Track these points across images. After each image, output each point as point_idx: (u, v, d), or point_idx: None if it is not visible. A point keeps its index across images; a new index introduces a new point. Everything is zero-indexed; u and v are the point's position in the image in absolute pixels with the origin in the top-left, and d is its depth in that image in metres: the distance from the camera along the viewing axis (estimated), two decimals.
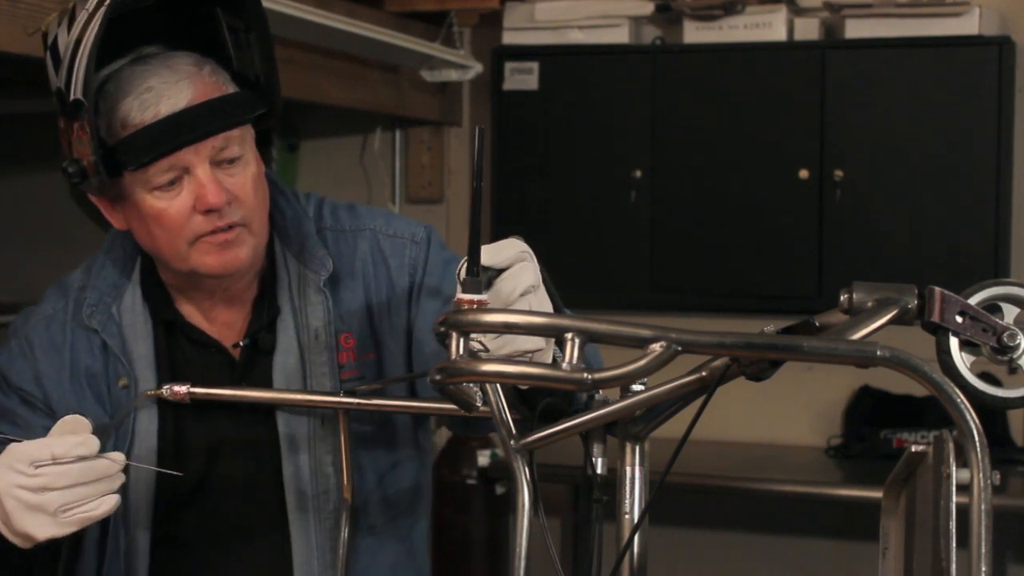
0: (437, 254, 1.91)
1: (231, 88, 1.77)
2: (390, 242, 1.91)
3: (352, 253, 1.90)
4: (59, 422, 1.65)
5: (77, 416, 1.66)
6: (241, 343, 1.87)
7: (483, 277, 1.43)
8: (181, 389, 1.81)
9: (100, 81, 1.71)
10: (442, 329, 1.33)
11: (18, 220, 4.88)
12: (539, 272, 1.54)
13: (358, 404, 1.80)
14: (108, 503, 1.62)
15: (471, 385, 1.46)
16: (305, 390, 1.84)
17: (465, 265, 1.41)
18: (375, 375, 1.87)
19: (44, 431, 1.79)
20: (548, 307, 1.56)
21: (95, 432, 1.65)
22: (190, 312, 1.88)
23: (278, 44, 3.63)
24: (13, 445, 1.64)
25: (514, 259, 1.51)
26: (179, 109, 1.70)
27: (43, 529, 1.60)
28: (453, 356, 1.32)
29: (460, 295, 1.42)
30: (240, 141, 1.76)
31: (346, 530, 1.82)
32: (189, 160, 1.72)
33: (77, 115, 1.66)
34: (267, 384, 1.85)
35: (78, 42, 1.65)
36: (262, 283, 1.88)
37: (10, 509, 1.60)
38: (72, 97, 1.66)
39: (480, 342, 1.43)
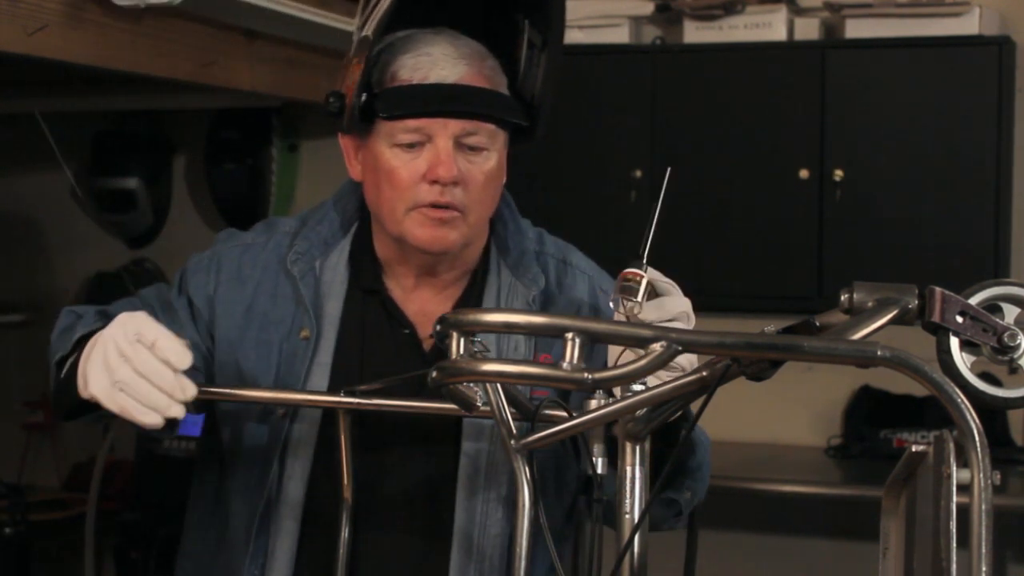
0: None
1: (504, 90, 1.81)
2: (603, 297, 1.93)
3: (572, 286, 1.93)
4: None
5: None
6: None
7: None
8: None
9: (392, 37, 1.77)
10: (443, 329, 1.33)
11: (19, 220, 4.88)
12: (690, 311, 1.69)
13: (358, 404, 1.80)
14: (150, 417, 1.59)
15: (471, 385, 1.46)
16: (305, 390, 1.84)
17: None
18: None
19: (193, 342, 1.78)
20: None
21: None
22: (394, 288, 1.89)
23: (279, 44, 3.64)
24: (141, 312, 1.66)
25: (672, 289, 1.71)
26: (447, 82, 1.75)
27: (96, 386, 1.60)
28: (453, 356, 1.32)
29: (629, 267, 1.56)
30: (490, 136, 1.80)
31: (346, 530, 1.82)
32: (436, 130, 1.76)
33: (361, 49, 1.72)
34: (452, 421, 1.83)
35: None
36: (471, 283, 1.89)
37: (94, 353, 1.61)
38: (362, 33, 1.72)
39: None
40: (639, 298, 1.55)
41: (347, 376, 1.84)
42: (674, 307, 1.67)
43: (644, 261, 1.60)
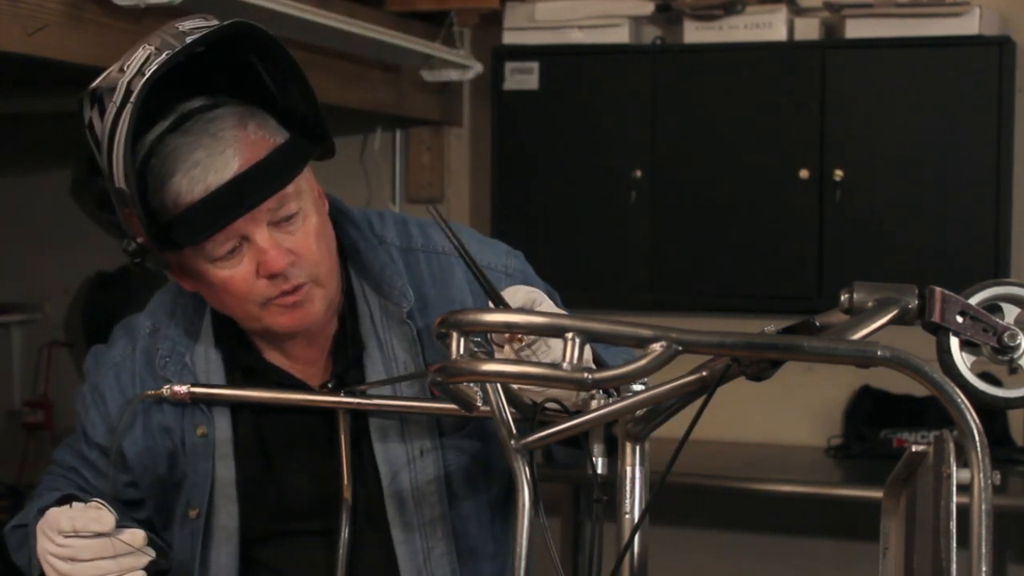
0: (530, 284, 1.88)
1: (280, 137, 1.71)
2: (488, 273, 1.88)
3: (448, 279, 1.86)
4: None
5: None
6: (329, 383, 1.84)
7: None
8: (181, 389, 1.81)
9: (145, 151, 1.67)
10: (442, 329, 1.33)
11: (18, 220, 4.88)
12: (537, 292, 1.64)
13: (358, 404, 1.80)
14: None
15: (472, 385, 1.46)
16: (305, 390, 1.84)
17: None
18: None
19: (122, 483, 1.86)
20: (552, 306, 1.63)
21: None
22: (270, 354, 1.85)
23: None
24: (50, 511, 1.68)
25: (526, 301, 1.62)
26: (228, 179, 1.65)
27: None
28: (453, 356, 1.32)
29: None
30: (296, 195, 1.71)
31: (346, 530, 1.82)
32: (246, 228, 1.68)
33: (124, 202, 1.64)
34: (363, 422, 1.82)
35: (112, 133, 1.63)
36: (342, 318, 1.84)
37: (47, 573, 1.68)
38: (116, 185, 1.63)
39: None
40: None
41: (253, 458, 1.84)
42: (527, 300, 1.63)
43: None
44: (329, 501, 1.84)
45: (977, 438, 1.20)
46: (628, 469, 1.46)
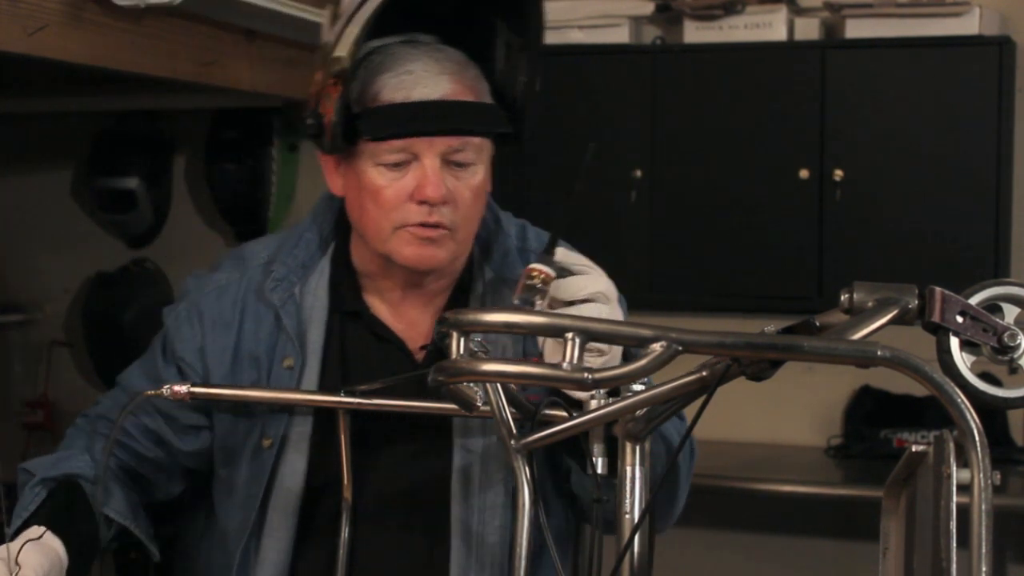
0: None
1: (487, 99, 1.78)
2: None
3: None
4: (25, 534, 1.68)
5: (51, 543, 1.68)
6: (427, 346, 1.85)
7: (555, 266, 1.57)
8: (181, 389, 1.81)
9: (367, 51, 1.74)
10: (442, 329, 1.33)
11: (19, 220, 4.88)
12: (614, 290, 1.65)
13: (358, 404, 1.80)
14: None
15: (472, 385, 1.46)
16: (305, 390, 1.84)
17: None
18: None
19: (190, 406, 1.85)
20: (620, 318, 1.65)
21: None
22: (377, 305, 1.87)
23: (279, 44, 3.64)
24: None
25: (586, 269, 1.65)
26: (430, 99, 1.72)
27: None
28: (453, 356, 1.32)
29: (533, 264, 1.55)
30: (477, 149, 1.77)
31: (346, 530, 1.82)
32: (421, 149, 1.73)
33: (335, 72, 1.69)
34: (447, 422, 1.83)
35: (361, 5, 1.68)
36: (456, 289, 1.87)
37: None
38: (335, 54, 1.68)
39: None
40: (543, 298, 1.56)
41: (352, 424, 1.82)
42: (584, 287, 1.65)
43: (553, 248, 1.62)
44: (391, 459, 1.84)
45: (977, 438, 1.20)
46: (628, 469, 1.46)
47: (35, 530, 1.69)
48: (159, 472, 1.91)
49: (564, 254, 1.66)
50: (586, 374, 1.27)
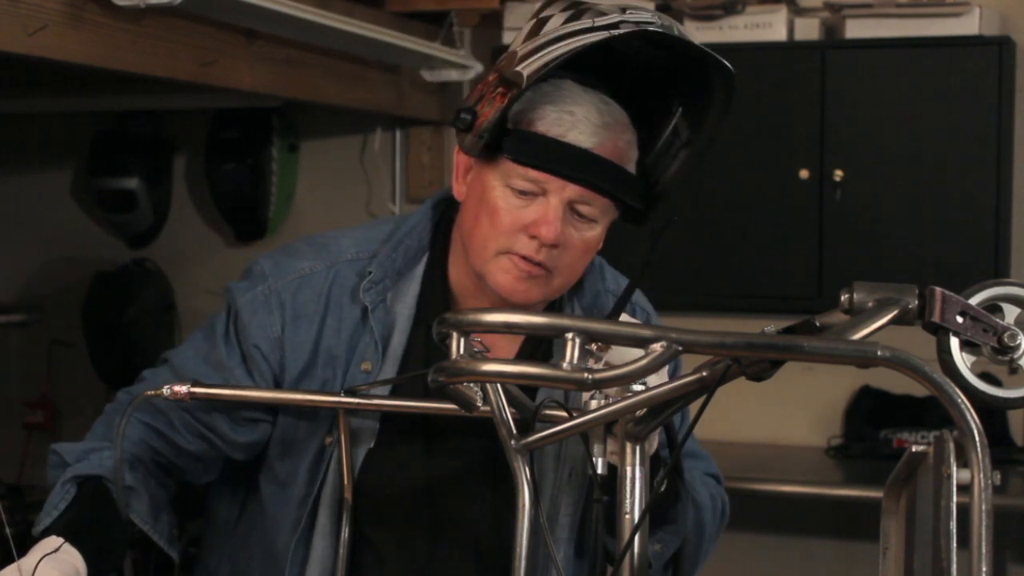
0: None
1: (631, 167, 1.78)
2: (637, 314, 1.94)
3: None
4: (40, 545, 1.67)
5: (70, 557, 1.66)
6: None
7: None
8: (181, 389, 1.80)
9: (547, 74, 1.72)
10: (442, 330, 1.33)
11: (18, 220, 4.88)
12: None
13: (358, 404, 1.80)
14: None
15: (472, 385, 1.46)
16: (304, 390, 1.84)
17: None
18: None
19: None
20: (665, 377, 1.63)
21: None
22: None
23: (279, 44, 3.64)
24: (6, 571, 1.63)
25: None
26: (582, 147, 1.73)
27: None
28: (453, 356, 1.32)
29: None
30: (602, 208, 1.78)
31: (346, 530, 1.82)
32: (553, 188, 1.73)
33: (511, 85, 1.68)
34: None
35: (564, 37, 1.67)
36: None
37: None
38: (520, 68, 1.67)
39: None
40: (596, 363, 1.54)
41: (402, 413, 1.83)
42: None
43: (620, 312, 1.63)
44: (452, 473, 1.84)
45: (977, 438, 1.20)
46: (628, 469, 1.46)
47: (52, 542, 1.68)
48: (197, 463, 1.89)
49: (627, 319, 1.66)
50: (586, 374, 1.27)
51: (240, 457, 1.89)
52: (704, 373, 1.36)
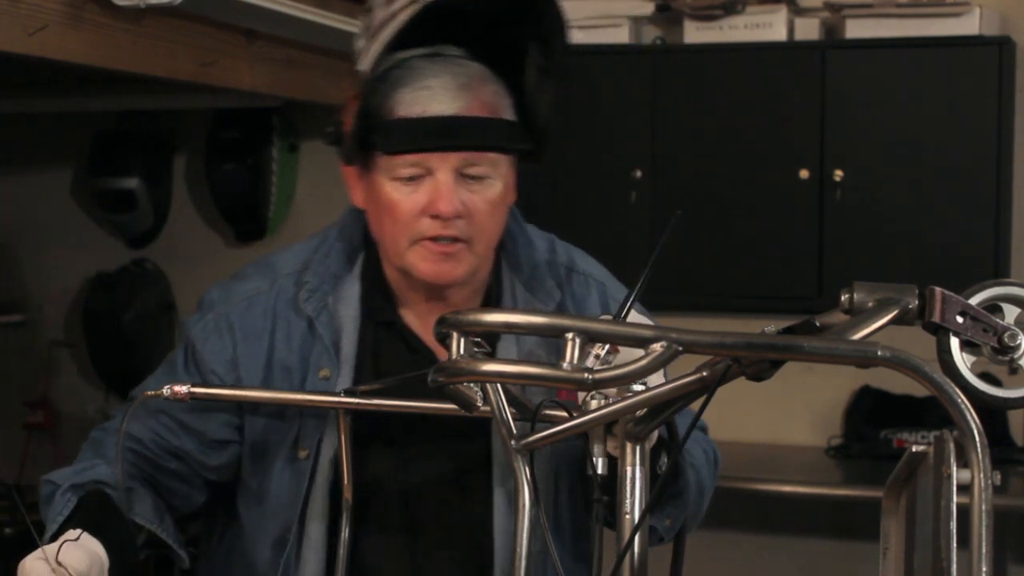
0: None
1: (508, 115, 1.78)
2: (614, 304, 1.91)
3: (584, 296, 1.91)
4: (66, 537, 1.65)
5: (90, 543, 1.66)
6: None
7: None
8: (181, 389, 1.80)
9: (392, 64, 1.74)
10: (442, 330, 1.33)
11: (18, 220, 4.88)
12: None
13: (358, 404, 1.80)
14: None
15: (472, 385, 1.46)
16: (305, 391, 1.84)
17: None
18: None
19: (219, 421, 1.84)
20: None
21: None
22: (408, 316, 1.87)
23: (279, 44, 3.64)
24: (26, 563, 1.63)
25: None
26: (446, 114, 1.72)
27: None
28: (454, 356, 1.32)
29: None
30: (492, 163, 1.77)
31: (346, 530, 1.82)
32: (435, 164, 1.74)
33: (357, 84, 1.70)
34: (482, 435, 1.82)
35: (388, 20, 1.68)
36: (486, 302, 1.87)
37: None
38: (358, 67, 1.70)
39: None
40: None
41: (368, 411, 1.82)
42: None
43: (626, 313, 1.58)
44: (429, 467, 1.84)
45: (977, 438, 1.20)
46: (628, 469, 1.46)
47: (72, 532, 1.68)
48: (181, 483, 1.89)
49: (636, 317, 1.64)
50: (586, 374, 1.27)
51: (214, 478, 1.90)
52: (704, 373, 1.36)
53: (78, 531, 1.67)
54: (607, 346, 1.39)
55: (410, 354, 1.86)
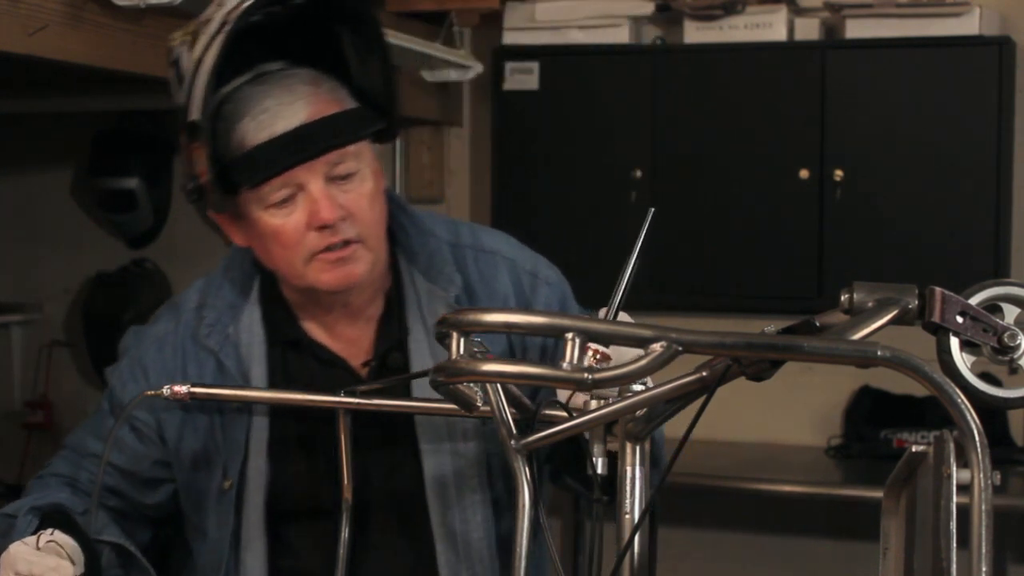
0: (566, 302, 1.92)
1: (350, 104, 1.77)
2: (528, 278, 1.91)
3: (493, 276, 1.90)
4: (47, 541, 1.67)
5: (67, 539, 1.68)
6: (371, 362, 1.86)
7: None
8: (181, 389, 1.80)
9: (219, 100, 1.73)
10: (442, 329, 1.33)
11: (19, 220, 4.88)
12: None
13: (358, 404, 1.80)
14: None
15: (472, 385, 1.46)
16: (305, 390, 1.84)
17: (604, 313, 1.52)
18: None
19: (148, 461, 1.87)
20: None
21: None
22: (314, 329, 1.87)
23: None
24: (12, 547, 1.66)
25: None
26: (294, 127, 1.71)
27: None
28: (453, 356, 1.32)
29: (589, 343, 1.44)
30: (356, 156, 1.76)
31: (346, 530, 1.82)
32: (303, 177, 1.72)
33: (195, 136, 1.69)
34: (403, 416, 1.84)
35: (199, 63, 1.68)
36: (388, 301, 1.87)
37: None
38: (190, 118, 1.69)
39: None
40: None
41: (286, 432, 1.84)
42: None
43: (616, 314, 1.57)
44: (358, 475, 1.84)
45: (977, 438, 1.20)
46: (628, 469, 1.46)
47: (47, 532, 1.70)
48: (124, 520, 1.91)
49: (625, 318, 1.62)
50: (586, 374, 1.27)
51: (156, 515, 1.93)
52: (704, 373, 1.35)
53: (51, 530, 1.69)
54: (599, 353, 1.40)
55: (322, 367, 1.86)
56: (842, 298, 1.40)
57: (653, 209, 1.62)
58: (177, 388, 1.80)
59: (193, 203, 1.75)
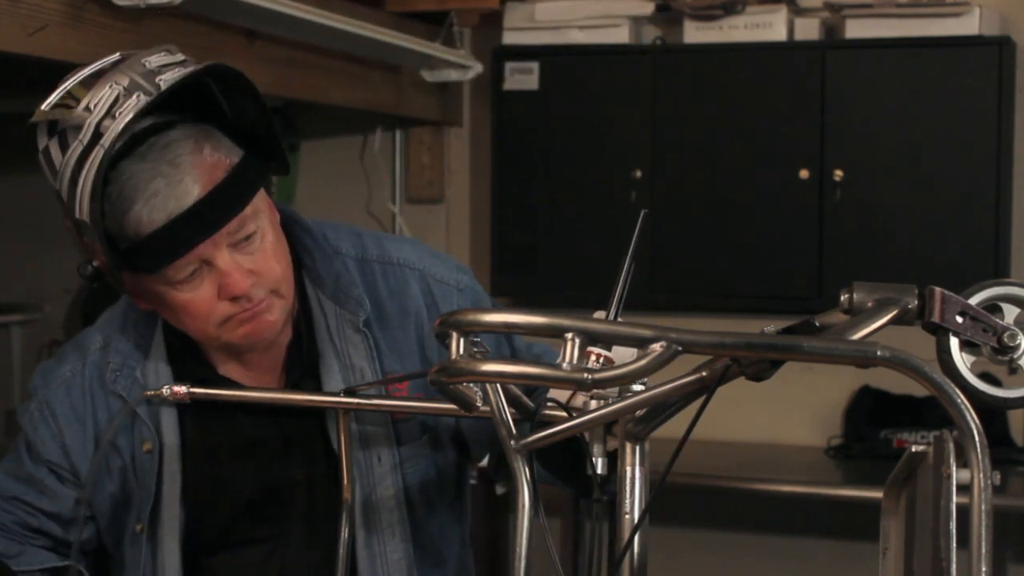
0: (480, 303, 1.90)
1: (235, 157, 1.70)
2: (439, 287, 1.88)
3: (403, 290, 1.87)
4: None
5: None
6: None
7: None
8: (181, 389, 1.80)
9: (108, 188, 1.66)
10: (442, 329, 1.33)
11: (19, 220, 4.88)
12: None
13: (358, 404, 1.80)
14: None
15: (471, 385, 1.46)
16: (305, 391, 1.84)
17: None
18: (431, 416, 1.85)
19: (70, 501, 1.86)
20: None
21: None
22: (223, 362, 1.85)
23: (279, 44, 3.63)
24: None
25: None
26: (188, 206, 1.64)
27: None
28: (453, 356, 1.31)
29: (589, 347, 1.42)
30: (254, 215, 1.71)
31: (346, 530, 1.82)
32: (207, 252, 1.68)
33: (83, 231, 1.65)
34: (317, 431, 1.83)
35: (76, 171, 1.64)
36: (297, 327, 1.84)
37: None
38: (76, 217, 1.65)
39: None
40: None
41: (201, 467, 1.84)
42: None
43: (615, 315, 1.56)
44: (278, 506, 1.85)
45: (977, 438, 1.20)
46: (628, 469, 1.45)
47: None
48: (56, 557, 1.91)
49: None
50: (586, 374, 1.27)
51: (86, 548, 1.91)
52: (704, 373, 1.35)
53: None
54: (602, 357, 1.39)
55: (235, 402, 1.84)
56: (842, 298, 1.40)
57: (645, 211, 1.60)
58: (177, 388, 1.80)
59: (89, 281, 1.71)
